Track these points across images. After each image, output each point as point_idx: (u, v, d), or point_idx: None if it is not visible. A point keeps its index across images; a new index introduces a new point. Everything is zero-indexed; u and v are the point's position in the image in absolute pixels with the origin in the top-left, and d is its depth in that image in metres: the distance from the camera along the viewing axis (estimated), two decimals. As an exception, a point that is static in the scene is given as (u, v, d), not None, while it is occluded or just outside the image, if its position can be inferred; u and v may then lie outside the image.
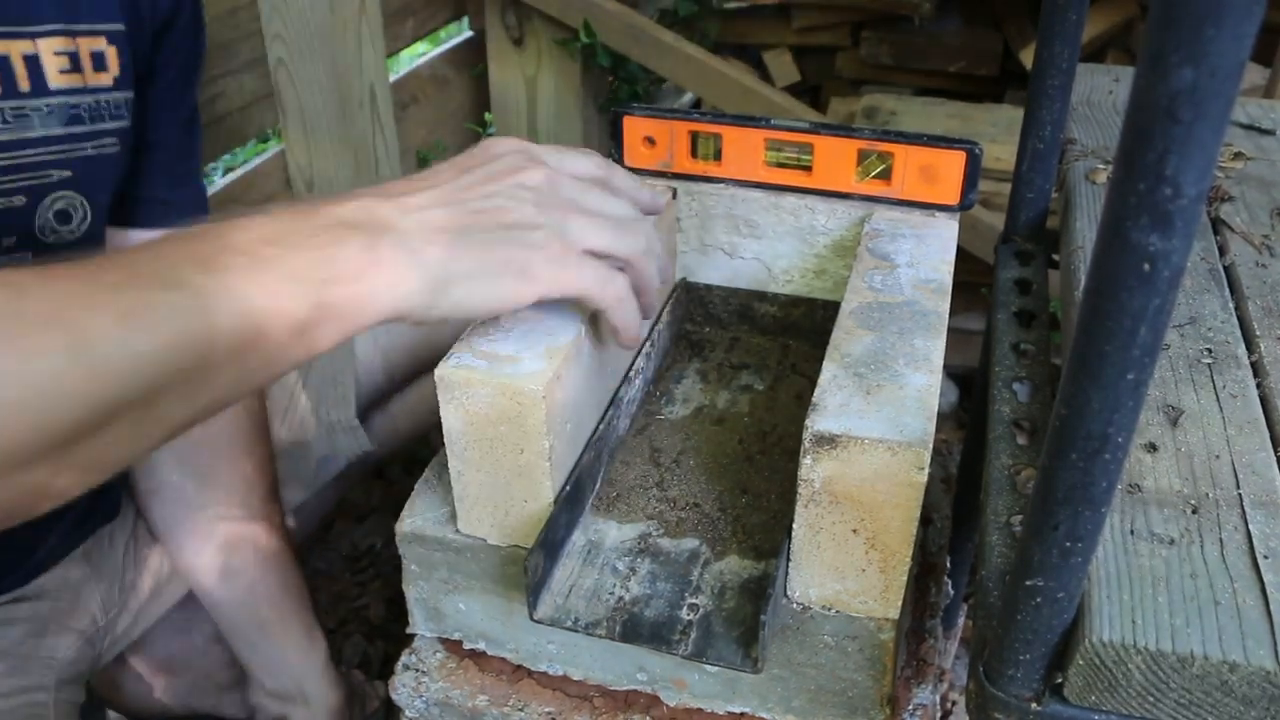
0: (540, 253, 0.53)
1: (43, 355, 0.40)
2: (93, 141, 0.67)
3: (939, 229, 0.72)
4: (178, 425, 0.46)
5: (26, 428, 0.40)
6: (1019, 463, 0.58)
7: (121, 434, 0.43)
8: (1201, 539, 0.47)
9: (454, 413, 0.58)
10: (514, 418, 0.57)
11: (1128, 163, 0.30)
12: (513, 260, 0.53)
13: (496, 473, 0.59)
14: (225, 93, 1.46)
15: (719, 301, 0.82)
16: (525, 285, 0.53)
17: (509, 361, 0.57)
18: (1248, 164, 0.82)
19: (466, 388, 0.57)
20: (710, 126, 0.76)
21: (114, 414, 0.42)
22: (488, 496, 0.61)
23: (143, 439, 0.45)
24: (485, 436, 0.58)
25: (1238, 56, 0.27)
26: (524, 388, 0.55)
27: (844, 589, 0.57)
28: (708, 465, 0.69)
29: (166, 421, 0.45)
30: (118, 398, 0.42)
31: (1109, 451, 0.35)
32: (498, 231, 0.53)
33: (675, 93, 2.43)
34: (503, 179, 0.55)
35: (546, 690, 0.66)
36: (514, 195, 0.55)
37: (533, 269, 0.53)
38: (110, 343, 0.42)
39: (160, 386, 0.43)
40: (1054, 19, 0.75)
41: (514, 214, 0.54)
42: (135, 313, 0.42)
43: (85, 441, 0.42)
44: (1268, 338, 0.61)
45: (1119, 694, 0.42)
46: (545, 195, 0.56)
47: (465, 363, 0.57)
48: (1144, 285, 0.31)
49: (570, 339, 0.59)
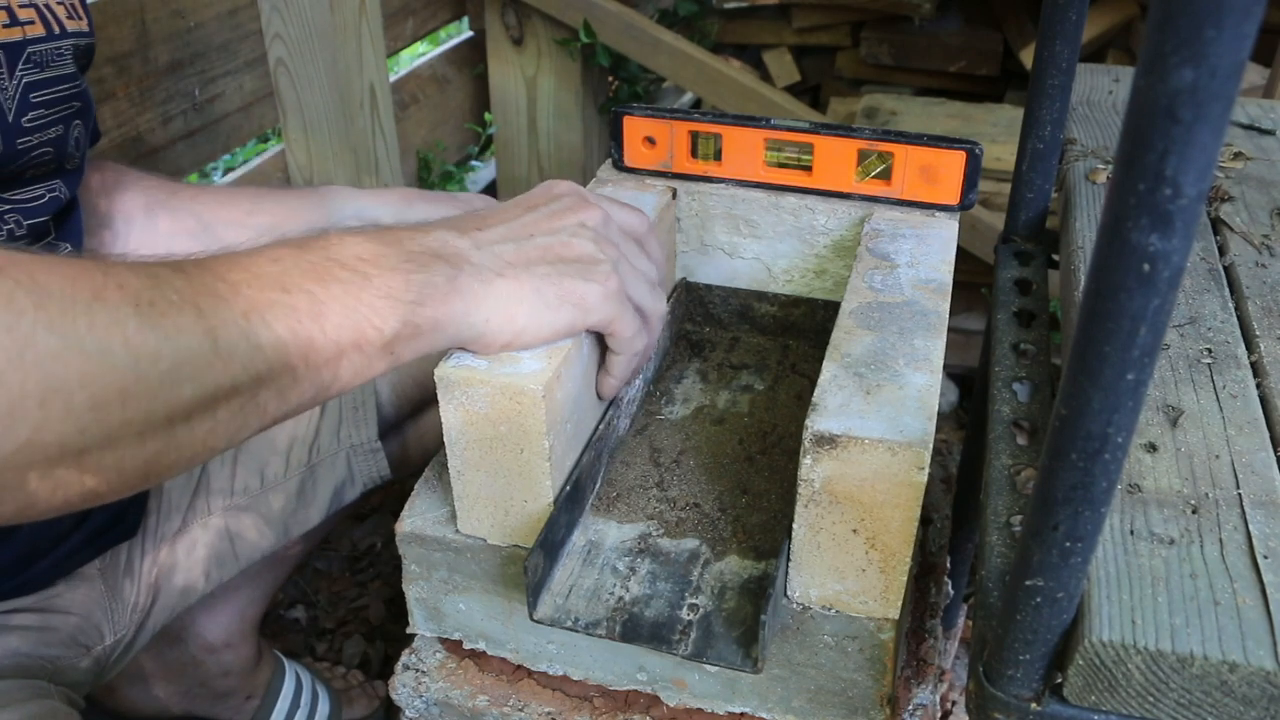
0: (598, 287, 0.59)
1: (181, 335, 0.45)
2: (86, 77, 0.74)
3: (939, 229, 0.72)
4: (269, 419, 0.50)
5: (163, 401, 0.44)
6: (1019, 463, 0.58)
7: (227, 418, 0.48)
8: (1201, 539, 0.47)
9: (454, 412, 0.58)
10: (513, 418, 0.57)
11: (1128, 163, 0.30)
12: (573, 292, 0.58)
13: (496, 473, 0.59)
14: (225, 93, 1.46)
15: (719, 301, 0.82)
16: (581, 315, 0.58)
17: (509, 361, 0.57)
18: (1248, 164, 0.82)
19: (466, 387, 0.57)
20: (710, 126, 0.76)
21: (227, 397, 0.47)
22: (487, 496, 0.61)
23: (241, 427, 0.49)
24: (485, 436, 0.58)
25: (1238, 56, 0.27)
26: (524, 387, 0.55)
27: (844, 589, 0.57)
28: (708, 465, 0.69)
29: (262, 413, 0.49)
30: (234, 382, 0.47)
31: (1109, 451, 0.35)
32: (560, 265, 0.58)
33: (675, 93, 2.43)
34: (564, 217, 0.61)
35: (546, 690, 0.66)
36: (576, 233, 0.60)
37: (589, 301, 0.58)
38: (236, 332, 0.47)
39: (266, 378, 0.48)
40: (1054, 19, 0.75)
41: (576, 249, 0.59)
42: (258, 309, 0.47)
43: (198, 420, 0.46)
44: (1267, 338, 0.61)
45: (1119, 694, 0.42)
46: (602, 236, 0.61)
47: (465, 362, 0.57)
48: (1144, 285, 0.31)
49: (570, 339, 0.59)
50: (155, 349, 0.44)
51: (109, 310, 0.43)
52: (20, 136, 0.68)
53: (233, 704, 1.11)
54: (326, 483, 0.97)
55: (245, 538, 0.94)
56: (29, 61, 0.68)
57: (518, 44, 1.98)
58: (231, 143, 1.51)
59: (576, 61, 1.95)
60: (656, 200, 0.74)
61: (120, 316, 0.43)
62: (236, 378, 0.47)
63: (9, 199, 0.69)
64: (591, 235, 0.60)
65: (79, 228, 0.77)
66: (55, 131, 0.71)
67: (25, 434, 0.41)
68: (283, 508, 0.95)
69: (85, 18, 0.74)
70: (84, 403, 0.42)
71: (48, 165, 0.72)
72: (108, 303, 0.43)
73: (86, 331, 0.42)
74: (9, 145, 0.67)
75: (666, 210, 0.74)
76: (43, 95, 0.70)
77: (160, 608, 0.90)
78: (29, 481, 0.42)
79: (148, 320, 0.44)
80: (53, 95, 0.70)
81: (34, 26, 0.69)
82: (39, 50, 0.69)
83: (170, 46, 1.34)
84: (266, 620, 1.24)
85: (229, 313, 0.47)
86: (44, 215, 0.72)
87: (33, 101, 0.69)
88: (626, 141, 0.78)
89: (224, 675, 1.09)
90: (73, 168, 0.75)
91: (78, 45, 0.73)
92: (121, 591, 0.86)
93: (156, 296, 0.45)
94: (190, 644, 1.07)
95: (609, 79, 2.11)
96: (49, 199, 0.72)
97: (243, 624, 1.09)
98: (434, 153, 2.00)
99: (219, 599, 1.04)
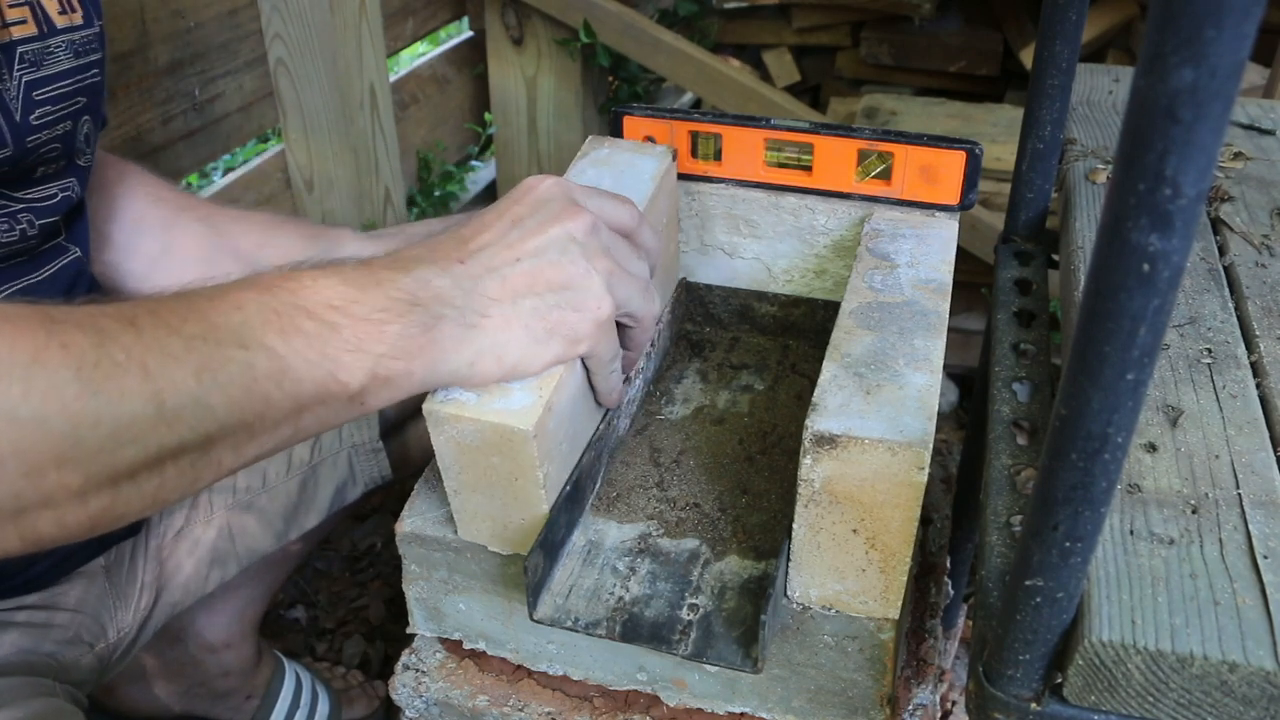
0: (589, 316, 0.57)
1: (126, 401, 0.44)
2: (90, 72, 0.74)
3: (939, 229, 0.72)
4: (225, 470, 0.49)
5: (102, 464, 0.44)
6: (1019, 463, 0.58)
7: (175, 474, 0.47)
8: (1201, 539, 0.47)
9: (445, 444, 0.57)
10: (505, 451, 0.56)
11: (1128, 163, 0.30)
12: (562, 324, 0.56)
13: (492, 495, 0.59)
14: (225, 93, 1.46)
15: (719, 301, 0.82)
16: (570, 347, 0.57)
17: (499, 394, 0.56)
18: (1248, 164, 0.82)
19: (455, 423, 0.56)
20: (710, 126, 0.76)
21: (174, 456, 0.46)
22: (485, 513, 0.61)
23: (194, 481, 0.48)
24: (478, 464, 0.58)
25: (1238, 56, 0.27)
26: (514, 427, 0.54)
27: (844, 589, 0.57)
28: (708, 465, 0.69)
29: (216, 466, 0.48)
30: (181, 443, 0.46)
31: (1109, 451, 0.35)
32: (548, 295, 0.56)
33: (675, 93, 2.43)
34: (550, 228, 0.57)
35: (546, 690, 0.66)
36: (564, 249, 0.57)
37: (579, 331, 0.57)
38: (185, 395, 0.45)
39: (217, 437, 0.47)
40: (1054, 19, 0.75)
41: (565, 272, 0.56)
42: (210, 368, 0.46)
43: (144, 478, 0.46)
44: (1267, 338, 0.61)
45: (1119, 694, 0.42)
46: (590, 248, 0.58)
47: (453, 397, 0.56)
48: (1144, 285, 0.31)
49: (560, 366, 0.58)
50: (95, 414, 0.43)
51: (48, 374, 0.42)
52: (30, 134, 0.68)
53: (232, 703, 1.11)
54: (328, 482, 0.97)
55: (246, 536, 0.94)
56: (23, 61, 0.68)
57: (518, 44, 1.98)
58: (231, 143, 1.51)
59: (576, 61, 1.95)
60: (656, 165, 0.72)
61: (59, 381, 0.42)
62: (184, 438, 0.46)
63: (23, 198, 0.70)
64: (580, 251, 0.57)
65: (86, 230, 0.77)
66: (64, 127, 0.71)
67: None
68: (284, 507, 0.95)
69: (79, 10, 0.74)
70: (16, 470, 0.41)
71: (58, 162, 0.72)
72: (47, 365, 0.42)
73: (21, 399, 0.41)
74: (19, 143, 0.67)
75: (667, 174, 0.72)
76: (46, 92, 0.70)
77: (162, 606, 0.90)
78: None
79: (89, 385, 0.43)
80: (56, 91, 0.71)
81: (25, 26, 0.69)
82: (30, 50, 0.69)
83: (170, 46, 1.34)
84: (266, 620, 1.24)
85: (179, 372, 0.45)
86: (56, 215, 0.72)
87: (37, 99, 0.69)
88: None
89: (224, 675, 1.09)
90: (84, 163, 0.75)
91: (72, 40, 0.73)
92: (125, 589, 0.86)
93: (101, 357, 0.43)
94: (190, 643, 1.07)
95: (609, 79, 2.11)
96: (62, 198, 0.73)
97: (243, 624, 1.09)
98: (434, 153, 2.00)
99: (219, 598, 1.04)
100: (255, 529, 0.94)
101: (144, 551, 0.89)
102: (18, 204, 0.69)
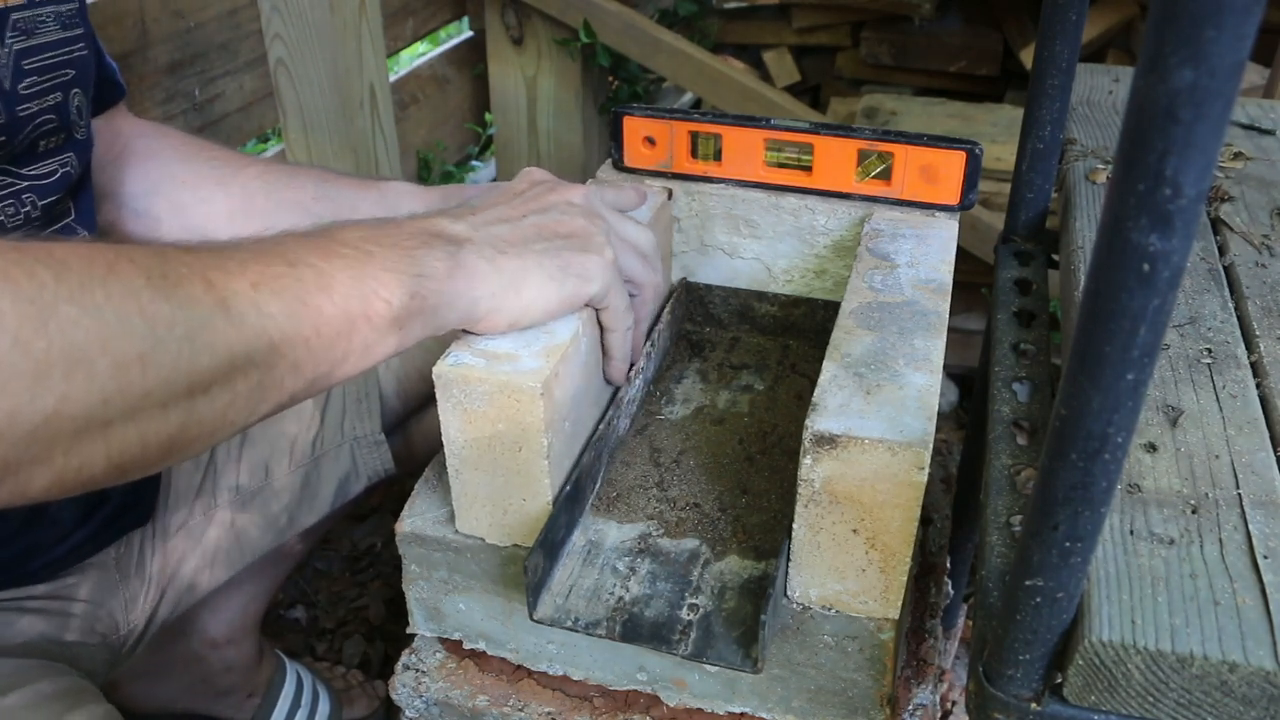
0: (597, 257, 0.61)
1: (195, 306, 0.46)
2: (77, 45, 0.74)
3: (939, 229, 0.72)
4: (286, 394, 0.51)
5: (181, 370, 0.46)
6: (1019, 463, 0.58)
7: (245, 391, 0.49)
8: (1201, 539, 0.47)
9: (452, 411, 0.58)
10: (512, 415, 0.57)
11: (1127, 163, 0.30)
12: (573, 262, 0.60)
13: (494, 471, 0.59)
14: (225, 93, 1.46)
15: (719, 301, 0.82)
16: (584, 285, 0.60)
17: (507, 359, 0.57)
18: (1248, 164, 0.82)
19: (464, 385, 0.57)
20: (710, 126, 0.76)
21: (243, 369, 0.48)
22: (486, 495, 0.61)
23: (259, 402, 0.50)
24: (483, 435, 0.58)
25: (1238, 56, 0.27)
26: (522, 384, 0.55)
27: (844, 589, 0.57)
28: (708, 465, 0.69)
29: (279, 388, 0.50)
30: (248, 351, 0.48)
31: (1109, 451, 0.35)
32: (556, 240, 0.60)
33: (675, 93, 2.43)
34: (550, 196, 0.64)
35: (546, 690, 0.66)
36: (565, 210, 0.63)
37: (590, 270, 0.60)
38: (246, 301, 0.48)
39: (283, 347, 0.49)
40: (1054, 19, 0.75)
41: (569, 225, 0.62)
42: (265, 280, 0.49)
43: (217, 392, 0.47)
44: (1267, 338, 0.61)
45: (1119, 694, 0.42)
46: (590, 210, 0.64)
47: (463, 360, 0.57)
48: (1144, 285, 0.31)
49: (568, 337, 0.59)
50: (170, 316, 0.45)
51: (123, 282, 0.45)
52: (19, 104, 0.68)
53: (234, 701, 1.11)
54: (331, 476, 0.97)
55: (250, 531, 0.94)
56: (15, 29, 0.68)
57: (518, 44, 1.98)
58: (231, 143, 1.51)
59: (576, 61, 1.95)
60: (652, 201, 0.74)
61: (134, 287, 0.45)
62: (251, 346, 0.48)
63: (25, 174, 0.70)
64: (580, 211, 0.63)
65: (92, 212, 0.78)
66: (54, 98, 0.72)
67: (51, 404, 0.41)
68: (288, 501, 0.95)
69: None
70: (106, 370, 0.43)
71: (57, 135, 0.72)
72: (121, 275, 0.45)
73: (104, 301, 0.44)
74: (10, 113, 0.67)
75: (662, 210, 0.74)
76: (35, 62, 0.70)
77: (168, 600, 0.90)
78: (55, 456, 0.43)
79: (160, 291, 0.45)
80: (45, 62, 0.71)
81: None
82: (22, 17, 0.69)
83: (170, 46, 1.34)
84: (267, 620, 1.24)
85: (238, 283, 0.48)
86: (58, 192, 0.72)
87: (26, 69, 0.69)
88: (626, 141, 0.78)
89: (226, 671, 1.09)
90: (82, 137, 0.76)
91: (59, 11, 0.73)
92: (134, 581, 0.87)
93: (167, 269, 0.46)
94: (193, 639, 1.07)
95: (609, 79, 2.11)
96: (61, 174, 0.73)
97: (245, 620, 1.09)
98: (434, 153, 2.00)
99: (222, 594, 1.04)
100: (259, 523, 0.94)
101: (152, 544, 0.89)
102: (22, 181, 0.69)
